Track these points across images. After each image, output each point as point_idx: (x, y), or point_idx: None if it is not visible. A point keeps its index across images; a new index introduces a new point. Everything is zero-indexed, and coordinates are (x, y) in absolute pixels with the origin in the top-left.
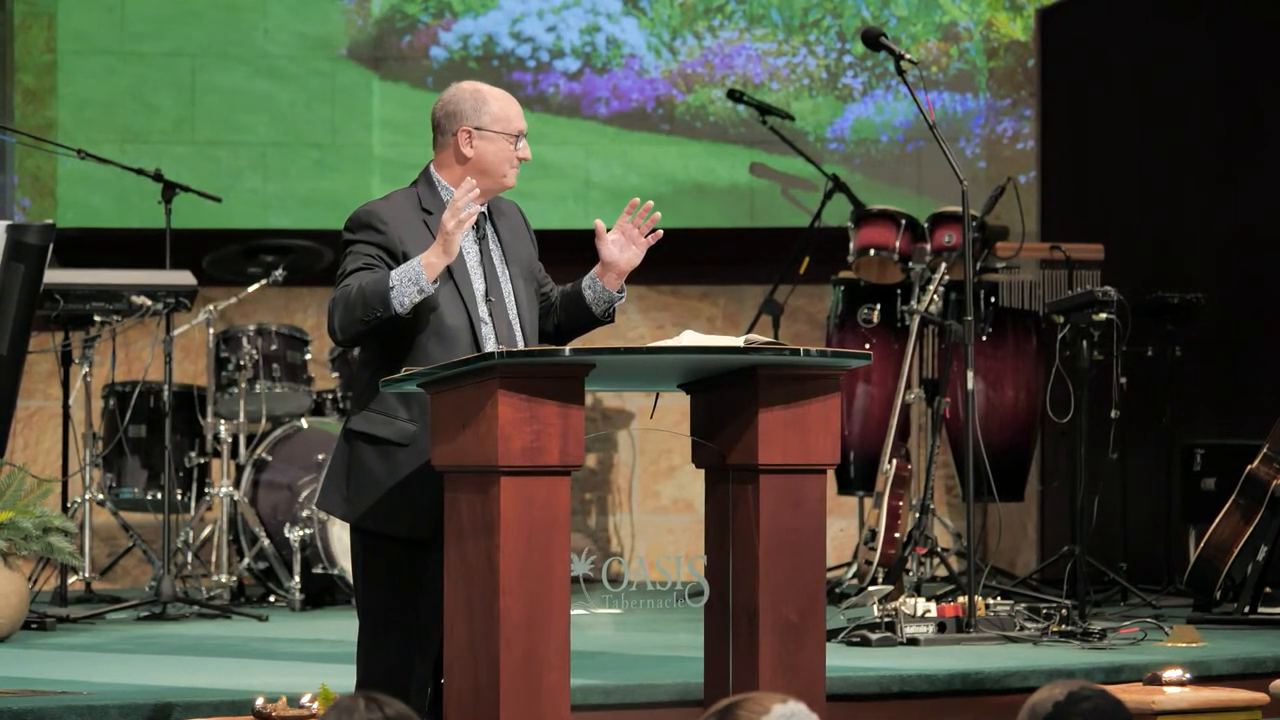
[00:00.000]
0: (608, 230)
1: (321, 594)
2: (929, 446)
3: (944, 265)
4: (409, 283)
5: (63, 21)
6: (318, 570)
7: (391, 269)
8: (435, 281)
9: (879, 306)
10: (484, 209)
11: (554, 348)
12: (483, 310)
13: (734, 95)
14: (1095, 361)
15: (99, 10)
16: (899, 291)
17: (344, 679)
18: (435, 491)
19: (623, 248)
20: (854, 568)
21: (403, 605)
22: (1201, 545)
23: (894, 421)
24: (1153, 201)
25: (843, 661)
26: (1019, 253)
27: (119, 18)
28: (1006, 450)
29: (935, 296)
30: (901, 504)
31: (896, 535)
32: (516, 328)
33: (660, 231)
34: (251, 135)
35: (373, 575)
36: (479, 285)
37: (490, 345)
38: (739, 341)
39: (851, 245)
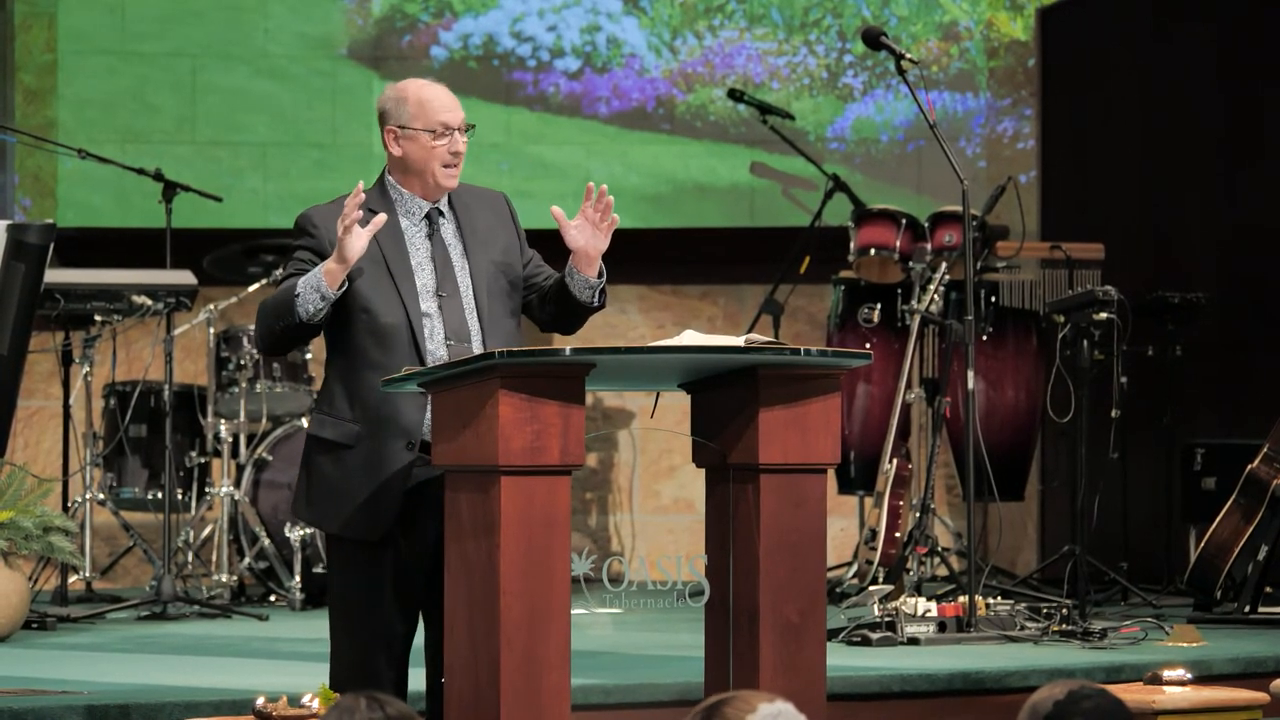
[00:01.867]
0: (570, 219)
1: (322, 593)
2: (929, 446)
3: (944, 265)
4: (311, 289)
5: (63, 21)
6: (318, 570)
7: None
8: (342, 287)
9: (879, 306)
10: (437, 204)
11: (554, 348)
12: (427, 306)
13: (734, 95)
14: (1096, 361)
15: (100, 10)
16: (899, 291)
17: None
18: (383, 492)
19: (588, 235)
20: (854, 567)
21: (362, 606)
22: (1202, 545)
23: (894, 421)
24: (1153, 201)
25: (843, 661)
26: (1019, 252)
27: (120, 17)
28: (1007, 450)
29: (936, 296)
30: (902, 503)
31: (897, 535)
32: (473, 320)
33: (616, 217)
34: (252, 135)
35: (333, 577)
36: (427, 280)
37: (435, 342)
38: (739, 341)
39: (852, 245)
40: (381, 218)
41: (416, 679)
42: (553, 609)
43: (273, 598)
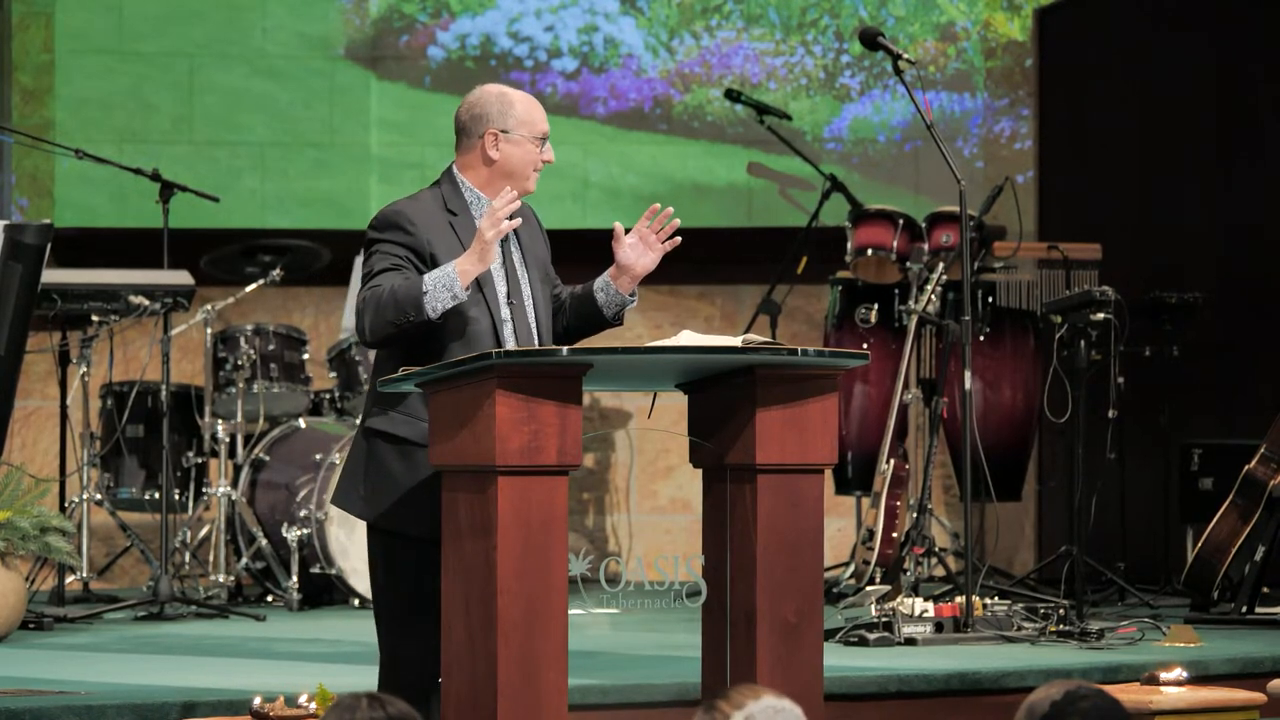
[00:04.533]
0: (626, 233)
1: (319, 594)
2: (927, 446)
3: (942, 265)
4: (443, 289)
5: (61, 21)
6: (315, 570)
7: (419, 270)
8: (469, 288)
9: (877, 306)
10: None
11: (552, 348)
12: (504, 312)
13: (732, 95)
14: (1093, 361)
15: (97, 10)
16: (897, 291)
17: (342, 679)
18: None
19: (639, 252)
20: (852, 568)
21: (423, 605)
22: (1199, 545)
23: (892, 421)
24: (1151, 201)
25: (840, 661)
26: (1017, 252)
27: (117, 17)
28: (1004, 450)
29: (933, 296)
30: (899, 504)
31: (894, 535)
32: (534, 329)
33: (679, 238)
34: (249, 135)
35: (391, 576)
36: (501, 287)
37: (512, 347)
38: (737, 341)
39: (849, 245)
40: (518, 221)
41: None
42: (550, 609)
43: (270, 598)
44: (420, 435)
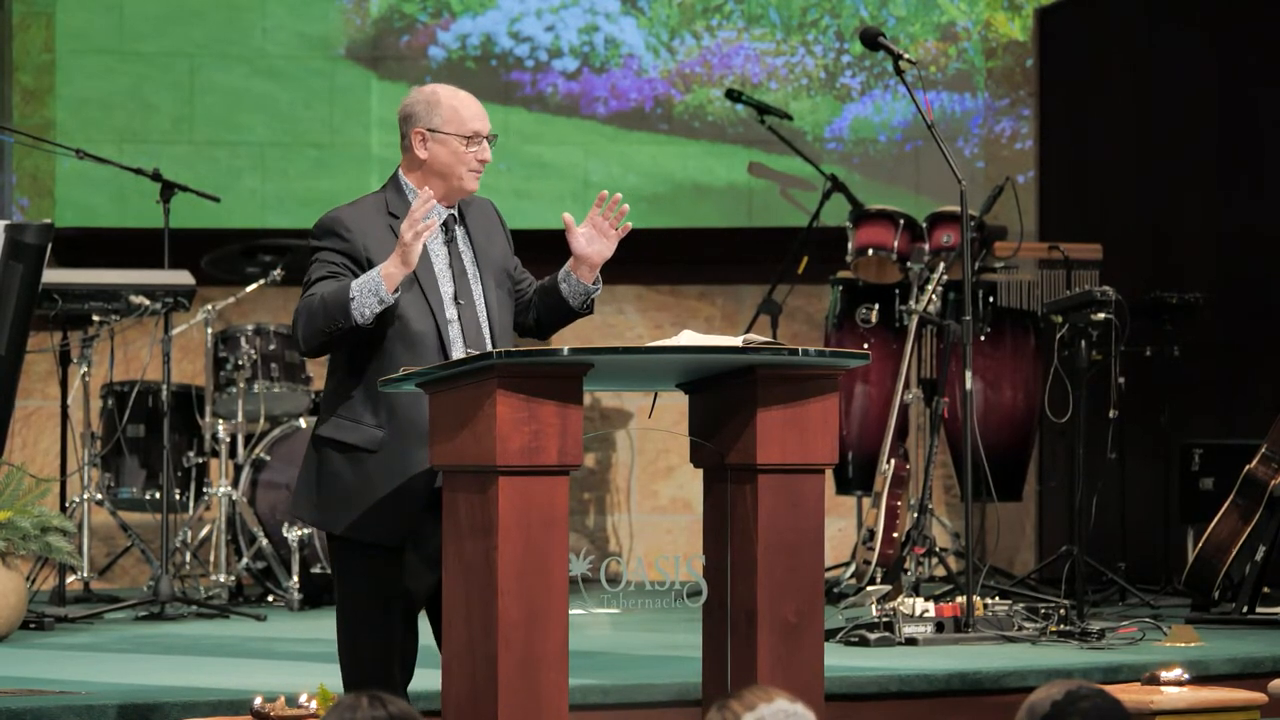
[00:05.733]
0: (577, 224)
1: (320, 594)
2: (927, 446)
3: (942, 265)
4: (369, 293)
5: (61, 21)
6: (316, 570)
7: (356, 276)
8: (396, 291)
9: (877, 306)
10: (453, 211)
11: (552, 347)
12: (450, 313)
13: (732, 95)
14: (1094, 361)
15: (98, 10)
16: (897, 291)
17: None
18: (404, 497)
19: (591, 240)
20: (852, 567)
21: (377, 611)
22: (1200, 545)
23: (892, 421)
24: (1151, 201)
25: (841, 661)
26: (1017, 252)
27: (118, 17)
28: (1005, 450)
29: (934, 296)
30: (900, 504)
31: (895, 535)
32: (485, 330)
33: (629, 225)
34: (250, 135)
35: (346, 582)
36: (447, 288)
37: (457, 349)
38: (737, 341)
39: (850, 245)
40: (434, 222)
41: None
42: (551, 609)
43: (270, 598)
44: (366, 440)
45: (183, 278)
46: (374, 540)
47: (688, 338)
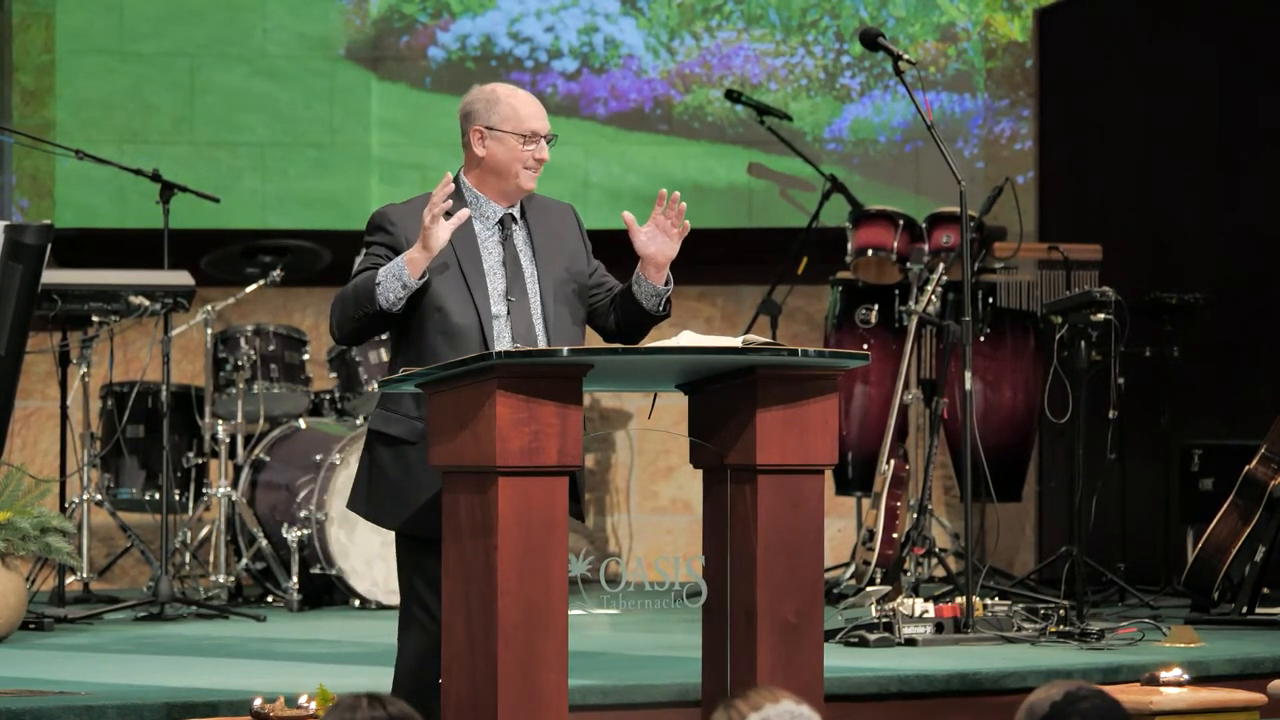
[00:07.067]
0: (640, 224)
1: (319, 594)
2: (927, 447)
3: (942, 265)
4: (393, 279)
5: (61, 21)
6: (316, 570)
7: None
8: (423, 277)
9: (877, 307)
10: (511, 210)
11: (551, 348)
12: (498, 308)
13: (732, 95)
14: (1093, 362)
15: (98, 10)
16: (897, 292)
17: (342, 679)
18: None
19: (652, 238)
20: (852, 568)
21: (420, 603)
22: (1199, 546)
23: (892, 422)
24: (1151, 202)
25: (841, 662)
26: (1017, 253)
27: (118, 17)
28: (1004, 451)
29: (933, 297)
30: (899, 504)
31: (894, 536)
32: (539, 327)
33: (688, 223)
34: (250, 135)
35: (400, 573)
36: (498, 284)
37: (503, 344)
38: (737, 342)
39: (849, 245)
40: (465, 213)
41: None
42: (550, 609)
43: (270, 598)
44: (408, 432)
45: (182, 278)
46: (419, 533)
47: (687, 338)
